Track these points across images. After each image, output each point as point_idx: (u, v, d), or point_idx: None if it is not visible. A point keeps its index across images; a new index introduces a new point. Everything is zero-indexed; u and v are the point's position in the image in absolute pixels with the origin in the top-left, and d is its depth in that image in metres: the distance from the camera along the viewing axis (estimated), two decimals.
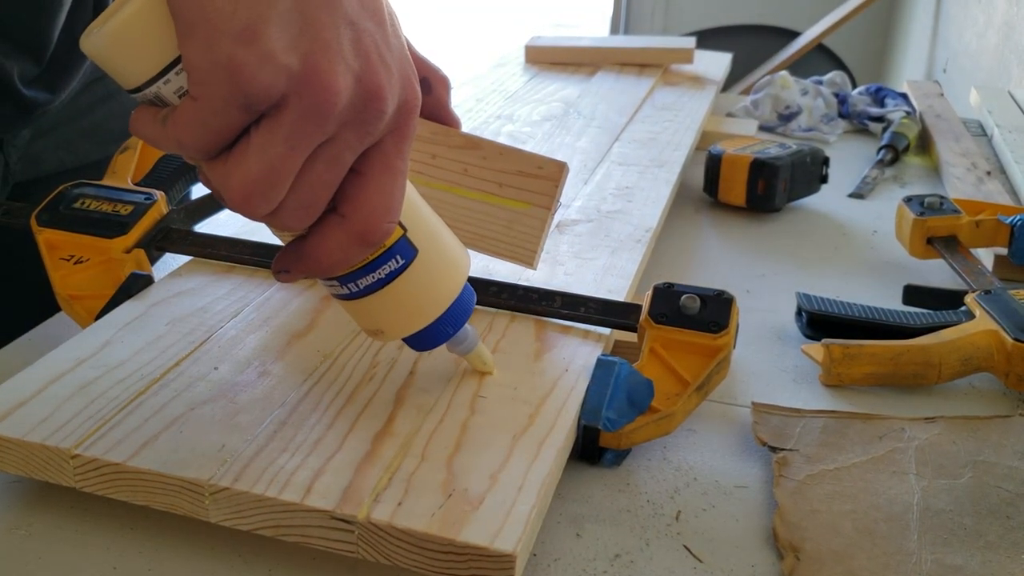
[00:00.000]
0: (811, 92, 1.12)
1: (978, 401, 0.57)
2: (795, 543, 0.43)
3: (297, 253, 0.39)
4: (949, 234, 0.72)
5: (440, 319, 0.43)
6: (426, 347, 0.45)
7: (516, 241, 0.54)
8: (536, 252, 0.55)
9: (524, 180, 0.54)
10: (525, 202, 0.54)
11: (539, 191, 0.54)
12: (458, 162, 0.54)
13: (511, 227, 0.54)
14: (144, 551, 0.42)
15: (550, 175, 0.54)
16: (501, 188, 0.54)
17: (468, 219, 0.55)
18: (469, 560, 0.37)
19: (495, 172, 0.54)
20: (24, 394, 0.45)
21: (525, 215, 0.54)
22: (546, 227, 0.55)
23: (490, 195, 0.54)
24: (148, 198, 0.61)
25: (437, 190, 0.54)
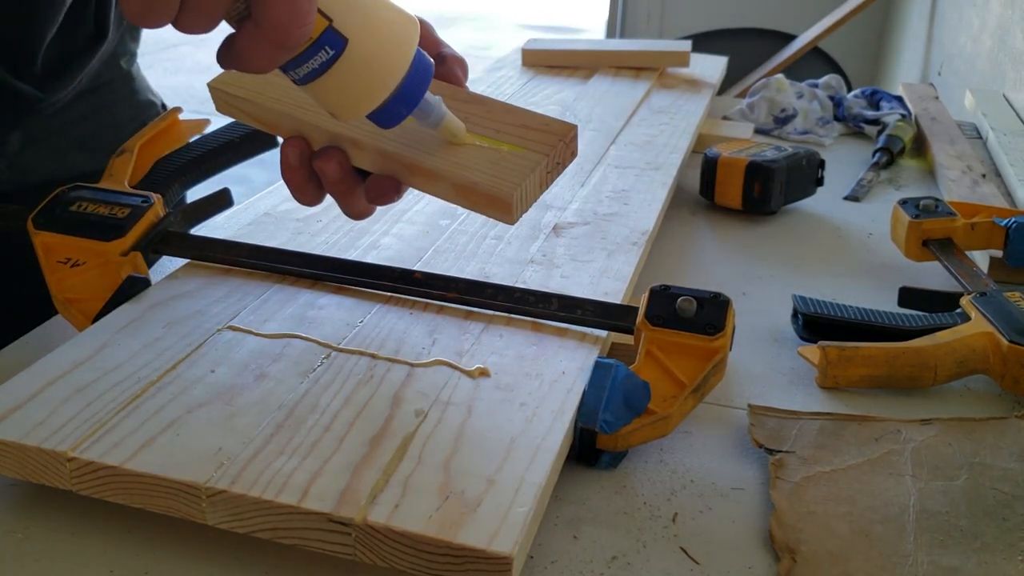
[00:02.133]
0: (807, 95, 1.13)
1: (974, 403, 0.57)
2: (791, 545, 0.43)
3: (229, 53, 0.41)
4: (944, 236, 0.72)
5: (394, 97, 0.45)
6: (388, 124, 0.46)
7: (500, 175, 0.49)
8: (516, 187, 0.48)
9: (526, 131, 0.51)
10: (521, 147, 0.50)
11: (539, 140, 0.51)
12: (458, 110, 0.51)
13: (498, 163, 0.50)
14: (141, 554, 0.42)
15: (556, 131, 0.51)
16: (498, 134, 0.51)
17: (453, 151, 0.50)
18: (466, 562, 0.37)
19: (496, 122, 0.52)
20: (21, 397, 0.45)
21: (517, 157, 0.50)
22: (538, 173, 0.49)
23: (484, 137, 0.51)
24: (145, 201, 0.61)
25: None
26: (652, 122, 0.97)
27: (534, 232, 0.68)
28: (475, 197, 0.49)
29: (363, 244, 0.65)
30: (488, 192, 0.48)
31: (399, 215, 0.71)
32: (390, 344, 0.52)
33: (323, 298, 0.57)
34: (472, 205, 0.50)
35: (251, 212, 0.71)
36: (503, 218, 0.49)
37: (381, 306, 0.56)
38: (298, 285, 0.58)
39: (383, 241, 0.66)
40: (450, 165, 0.49)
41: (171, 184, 0.68)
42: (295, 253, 0.60)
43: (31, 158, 0.75)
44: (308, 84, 0.44)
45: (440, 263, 0.63)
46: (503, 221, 0.49)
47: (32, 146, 0.75)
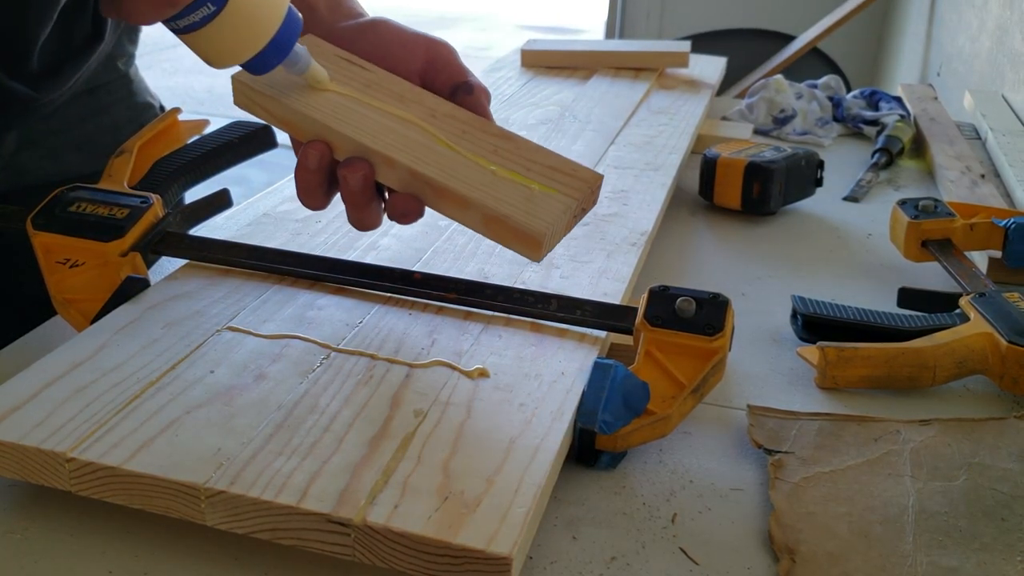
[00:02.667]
0: (806, 96, 1.13)
1: (973, 403, 0.57)
2: (791, 545, 0.43)
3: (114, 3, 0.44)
4: (943, 237, 0.72)
5: (268, 48, 0.48)
6: (259, 71, 0.50)
7: (532, 212, 0.50)
8: (548, 225, 0.49)
9: (555, 173, 0.52)
10: (551, 188, 0.51)
11: (569, 184, 0.52)
12: (489, 143, 0.53)
13: (531, 200, 0.50)
14: (140, 555, 0.42)
15: (585, 178, 0.52)
16: (528, 171, 0.52)
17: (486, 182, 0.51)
18: (465, 563, 0.37)
19: (526, 159, 0.53)
20: (20, 398, 0.45)
21: (548, 196, 0.51)
22: (566, 216, 0.51)
23: (516, 173, 0.51)
24: (144, 202, 0.61)
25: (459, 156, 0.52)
26: (651, 123, 0.97)
27: None
28: (504, 230, 0.50)
29: (362, 245, 0.65)
30: (519, 227, 0.49)
31: None
32: (389, 345, 0.52)
33: (322, 299, 0.57)
34: (499, 237, 0.51)
35: (250, 213, 0.71)
36: (529, 254, 0.50)
37: (380, 307, 0.56)
38: (297, 286, 0.58)
39: (382, 242, 0.66)
40: (483, 195, 0.50)
41: (170, 185, 0.68)
42: (294, 254, 0.60)
43: (27, 159, 0.75)
44: (189, 34, 0.47)
45: (439, 264, 0.63)
46: (529, 257, 0.50)
47: (28, 147, 0.75)
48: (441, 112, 0.54)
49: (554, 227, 0.50)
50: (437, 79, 0.56)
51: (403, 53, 0.56)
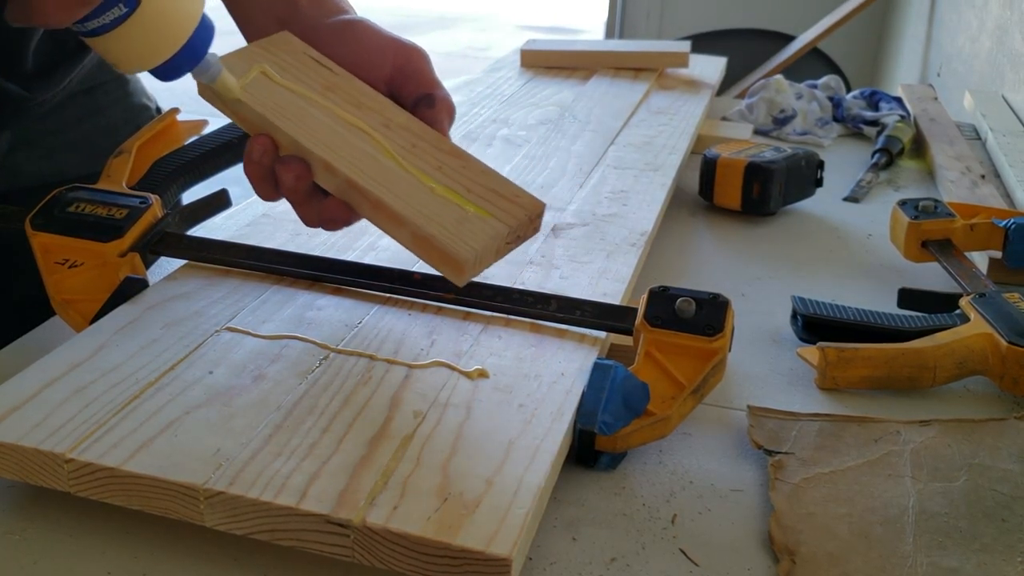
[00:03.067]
0: (806, 96, 1.13)
1: (973, 404, 0.57)
2: (791, 546, 0.43)
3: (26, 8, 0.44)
4: (943, 237, 0.72)
5: (178, 54, 0.47)
6: (168, 79, 0.49)
7: (460, 235, 0.49)
8: (473, 252, 0.48)
9: (495, 197, 0.52)
10: (486, 212, 0.51)
11: (506, 210, 0.51)
12: (436, 159, 0.53)
13: (461, 224, 0.50)
14: (139, 556, 0.42)
15: (524, 205, 0.52)
16: (468, 192, 0.51)
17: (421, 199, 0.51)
18: (465, 564, 0.37)
19: (469, 180, 0.52)
20: (18, 398, 0.45)
21: (481, 221, 0.50)
22: (496, 242, 0.50)
23: (454, 193, 0.51)
24: (143, 202, 0.61)
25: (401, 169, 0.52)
26: (651, 123, 0.97)
27: None
28: (430, 250, 0.49)
29: (361, 245, 0.65)
30: (443, 248, 0.49)
31: None
32: (388, 345, 0.52)
33: (321, 299, 0.57)
34: (426, 257, 0.50)
35: (249, 213, 0.71)
36: (453, 277, 0.49)
37: (379, 307, 0.56)
38: (296, 286, 0.58)
39: (381, 242, 0.66)
40: (414, 213, 0.50)
41: (169, 185, 0.68)
42: (293, 254, 0.60)
43: (23, 159, 0.75)
44: (96, 38, 0.46)
45: None
46: (452, 280, 0.50)
47: (24, 147, 0.75)
48: (396, 123, 0.54)
49: (480, 253, 0.49)
50: (405, 86, 0.56)
51: (374, 57, 0.56)
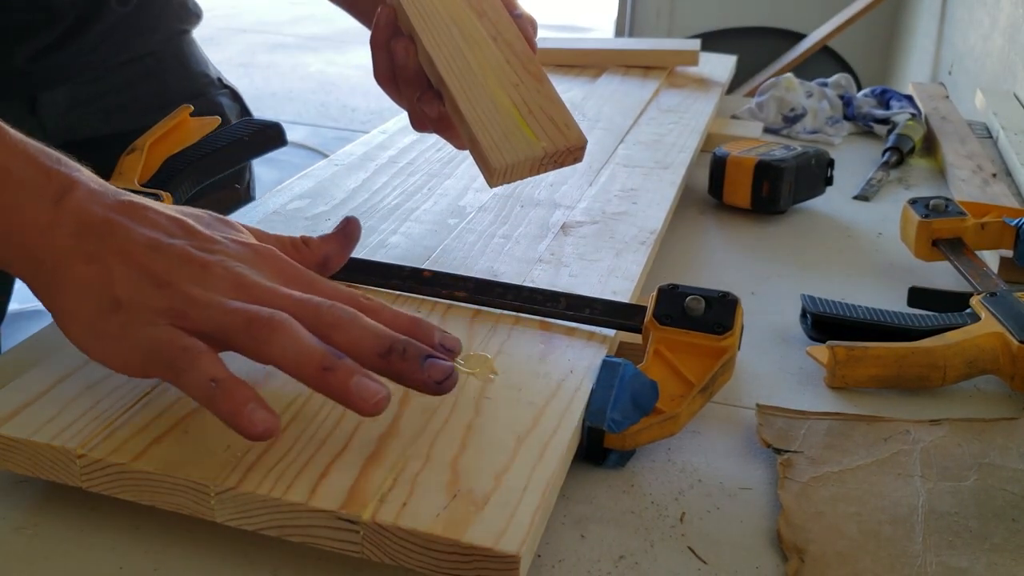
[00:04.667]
0: (816, 94, 1.12)
1: (983, 403, 0.57)
2: (799, 545, 0.43)
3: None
4: (954, 236, 0.72)
5: None
6: None
7: (500, 147, 0.56)
8: (503, 164, 0.55)
9: (548, 123, 0.57)
10: (535, 135, 0.57)
11: (551, 137, 0.57)
12: (518, 77, 0.59)
13: (506, 138, 0.56)
14: (150, 551, 0.42)
15: (568, 137, 0.57)
16: (528, 114, 0.57)
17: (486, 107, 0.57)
18: (474, 561, 0.37)
19: (534, 103, 0.58)
20: (31, 394, 0.46)
21: (525, 139, 0.56)
22: (531, 162, 0.56)
23: (516, 110, 0.57)
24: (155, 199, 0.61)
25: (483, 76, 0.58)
26: (661, 121, 0.97)
27: (542, 231, 0.68)
28: (476, 151, 0.57)
29: (372, 243, 0.65)
30: (483, 153, 0.56)
31: (407, 214, 0.71)
32: None
33: None
34: (475, 156, 0.58)
35: (260, 210, 0.72)
36: (487, 179, 0.57)
37: (390, 304, 0.56)
38: None
39: (392, 240, 0.66)
40: (474, 117, 0.57)
41: (181, 182, 0.68)
42: None
43: (78, 117, 0.82)
44: None
45: (449, 262, 0.63)
46: (486, 180, 0.57)
47: (80, 107, 0.82)
48: (504, 38, 0.60)
49: (512, 167, 0.56)
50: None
51: None
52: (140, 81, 0.86)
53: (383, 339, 0.42)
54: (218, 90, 0.94)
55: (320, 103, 4.62)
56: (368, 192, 0.75)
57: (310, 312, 0.42)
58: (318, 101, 4.65)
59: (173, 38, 0.90)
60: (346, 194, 0.74)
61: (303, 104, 4.56)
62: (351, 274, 0.58)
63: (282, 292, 0.43)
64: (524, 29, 0.61)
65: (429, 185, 0.77)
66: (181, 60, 0.91)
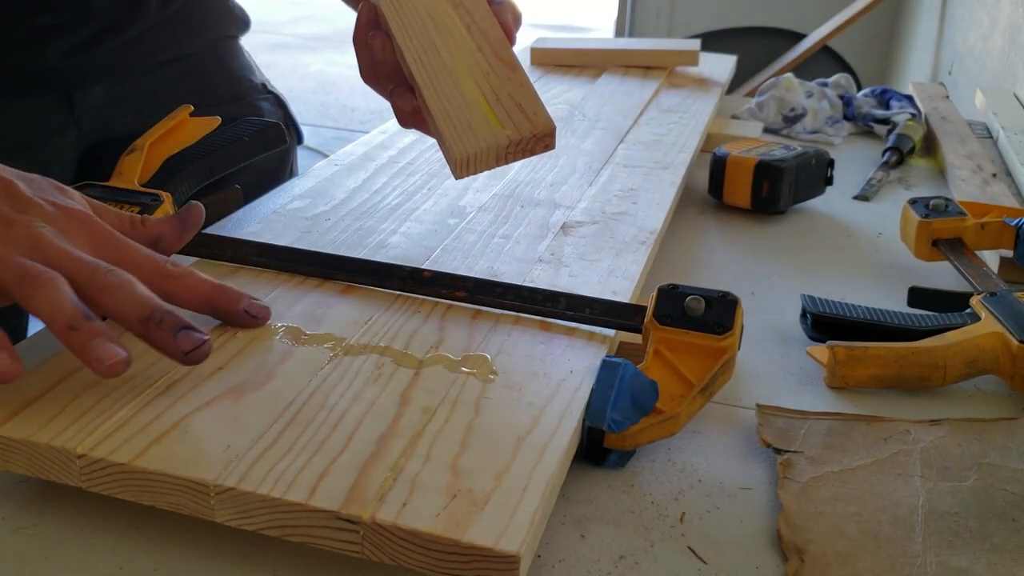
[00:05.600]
0: (816, 94, 1.12)
1: (983, 403, 0.57)
2: (799, 545, 0.43)
3: None
4: (954, 236, 0.72)
5: None
6: None
7: (464, 138, 0.56)
8: (466, 155, 0.55)
9: (515, 111, 0.57)
10: (500, 123, 0.56)
11: (517, 124, 0.57)
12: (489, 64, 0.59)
13: (471, 126, 0.56)
14: (150, 551, 0.42)
15: (535, 123, 0.57)
16: (496, 102, 0.57)
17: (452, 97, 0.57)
18: (474, 560, 0.37)
19: (504, 90, 0.58)
20: (31, 394, 0.46)
21: (489, 128, 0.56)
22: (496, 151, 0.56)
23: (483, 99, 0.57)
24: (154, 199, 0.61)
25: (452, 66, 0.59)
26: (661, 121, 0.97)
27: (542, 231, 0.68)
28: (441, 143, 0.57)
29: (371, 243, 0.65)
30: (447, 144, 0.56)
31: (407, 214, 0.71)
32: (398, 343, 0.52)
33: (331, 297, 0.57)
34: (442, 149, 0.58)
35: (260, 210, 0.72)
36: (452, 171, 0.57)
37: (389, 305, 0.56)
38: (306, 284, 0.58)
39: (391, 240, 0.66)
40: (439, 108, 0.57)
41: (180, 182, 0.68)
42: (303, 252, 0.61)
43: (114, 115, 0.83)
44: None
45: (448, 262, 0.63)
46: (452, 173, 0.57)
47: (116, 104, 0.83)
48: (478, 26, 0.60)
49: (475, 156, 0.56)
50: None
51: None
52: (179, 82, 0.87)
53: (144, 307, 0.46)
54: (260, 95, 0.94)
55: (320, 103, 4.63)
56: (368, 192, 0.75)
57: (86, 275, 0.46)
58: (318, 101, 4.65)
59: (217, 42, 0.91)
60: (346, 194, 0.74)
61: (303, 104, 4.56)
62: (351, 275, 0.59)
63: (73, 255, 0.46)
64: (502, 16, 0.61)
65: (429, 185, 0.77)
66: (223, 63, 0.91)
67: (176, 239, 0.54)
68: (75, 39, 0.78)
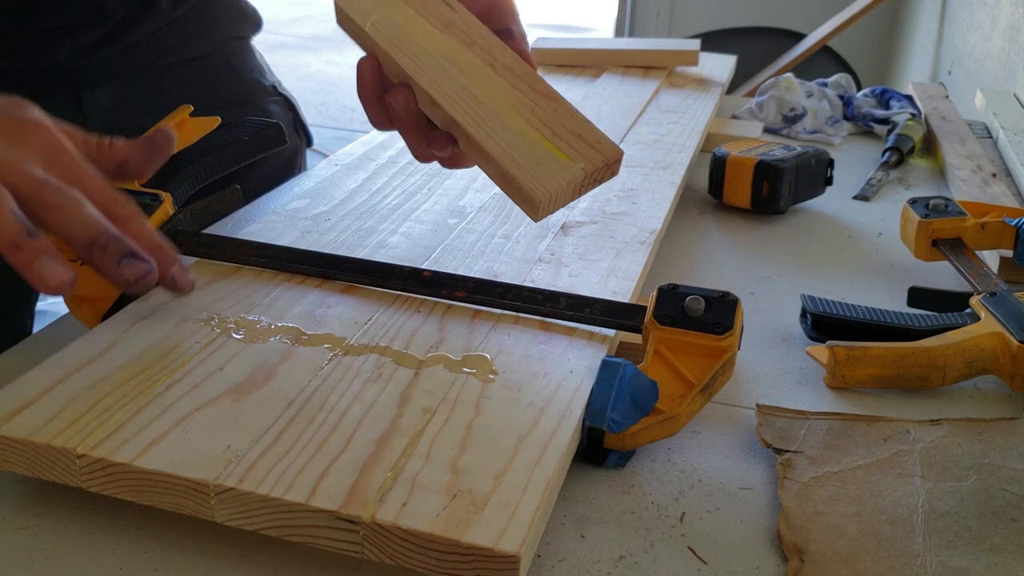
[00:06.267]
0: (816, 94, 1.12)
1: (983, 403, 0.57)
2: (799, 545, 0.43)
3: None
4: (954, 236, 0.72)
5: None
6: None
7: (539, 177, 0.53)
8: (547, 193, 0.52)
9: (577, 142, 0.55)
10: (567, 156, 0.54)
11: (586, 155, 0.55)
12: (531, 100, 0.57)
13: (540, 166, 0.54)
14: (150, 551, 0.42)
15: (604, 152, 0.55)
16: (553, 136, 0.55)
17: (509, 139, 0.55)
18: (474, 561, 0.37)
19: (557, 123, 0.56)
20: (31, 394, 0.46)
21: (559, 163, 0.54)
22: (572, 185, 0.54)
23: (541, 135, 0.55)
24: (154, 199, 0.61)
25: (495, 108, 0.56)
26: (661, 121, 0.97)
27: (542, 231, 0.68)
28: (511, 187, 0.54)
29: (371, 243, 0.65)
30: (521, 187, 0.53)
31: (407, 214, 0.71)
32: (398, 343, 0.52)
33: (331, 297, 0.57)
34: (508, 192, 0.55)
35: (260, 210, 0.72)
36: (529, 214, 0.54)
37: (389, 305, 0.56)
38: (306, 284, 0.58)
39: (391, 240, 0.66)
40: (501, 152, 0.54)
41: (180, 182, 0.68)
42: (304, 252, 0.61)
43: (124, 115, 0.83)
44: None
45: (448, 262, 0.63)
46: (529, 216, 0.54)
47: (126, 105, 0.83)
48: (501, 63, 0.58)
49: (556, 195, 0.53)
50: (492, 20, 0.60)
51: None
52: (188, 83, 0.86)
53: (90, 231, 0.45)
54: (270, 97, 0.94)
55: (320, 103, 4.63)
56: (368, 192, 0.75)
57: (34, 191, 0.45)
58: (318, 101, 4.65)
59: (227, 44, 0.91)
60: (346, 194, 0.75)
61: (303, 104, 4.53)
62: (351, 274, 0.59)
63: (19, 168, 0.45)
64: (520, 48, 0.59)
65: (429, 185, 0.77)
66: (234, 65, 0.91)
67: (142, 164, 0.53)
68: (87, 40, 0.78)
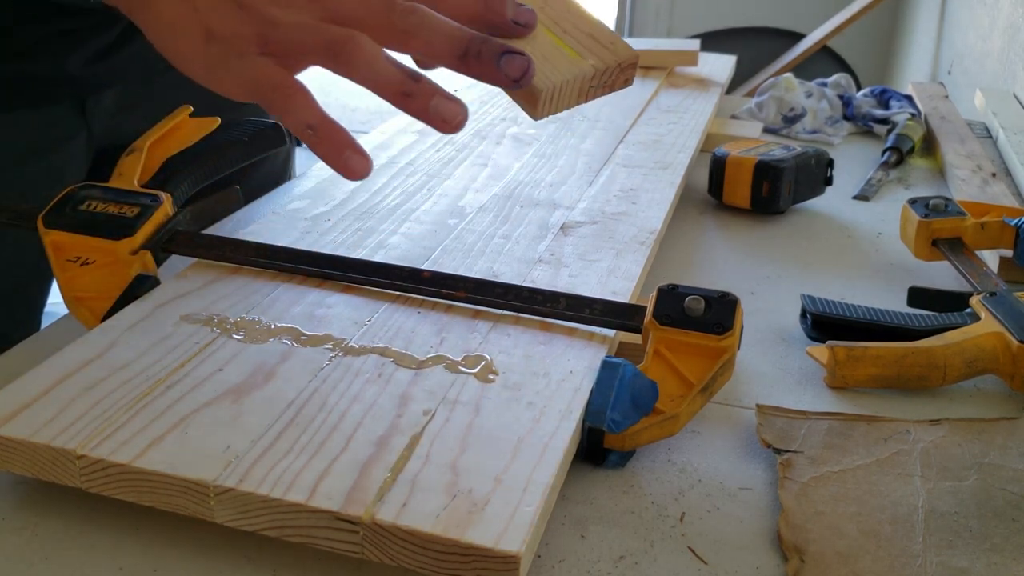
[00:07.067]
0: (815, 94, 1.12)
1: (983, 403, 0.57)
2: (799, 545, 0.43)
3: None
4: (954, 236, 0.72)
5: None
6: None
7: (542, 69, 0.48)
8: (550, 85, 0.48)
9: (590, 41, 0.52)
10: (575, 52, 0.51)
11: (597, 54, 0.51)
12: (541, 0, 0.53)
13: (547, 59, 0.50)
14: (149, 552, 0.42)
15: (617, 52, 0.51)
16: (564, 34, 0.52)
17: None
18: (474, 561, 0.37)
19: (568, 22, 0.52)
20: (30, 395, 0.45)
21: (568, 59, 0.50)
22: (580, 83, 0.50)
23: (550, 31, 0.51)
24: (154, 200, 0.61)
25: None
26: (660, 121, 0.97)
27: (542, 231, 0.69)
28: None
29: (371, 243, 0.65)
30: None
31: (407, 214, 0.71)
32: (398, 343, 0.52)
33: (331, 297, 0.57)
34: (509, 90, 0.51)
35: (260, 211, 0.72)
36: (528, 109, 0.50)
37: (389, 305, 0.56)
38: (306, 284, 0.58)
39: (391, 240, 0.66)
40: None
41: (180, 183, 0.68)
42: (303, 252, 0.61)
43: (124, 120, 0.83)
44: None
45: (448, 262, 0.63)
46: (528, 113, 0.50)
47: (126, 110, 0.83)
48: None
49: (559, 88, 0.49)
50: None
51: None
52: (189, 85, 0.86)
53: (458, 41, 0.43)
54: None
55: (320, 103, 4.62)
56: (368, 192, 0.75)
57: (383, 19, 0.43)
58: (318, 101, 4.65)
59: None
60: (346, 194, 0.74)
61: None
62: (350, 275, 0.58)
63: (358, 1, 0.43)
64: None
65: (429, 185, 0.77)
66: None
67: None
68: (96, 46, 0.77)
